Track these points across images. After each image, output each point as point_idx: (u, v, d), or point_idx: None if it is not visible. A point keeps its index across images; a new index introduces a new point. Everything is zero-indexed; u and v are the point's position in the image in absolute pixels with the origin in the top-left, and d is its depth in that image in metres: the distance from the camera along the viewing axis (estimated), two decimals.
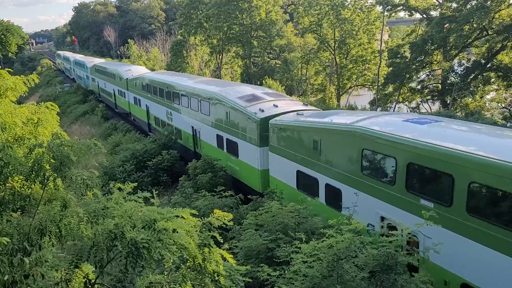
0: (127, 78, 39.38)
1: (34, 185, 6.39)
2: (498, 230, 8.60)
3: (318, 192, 14.34)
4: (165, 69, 63.83)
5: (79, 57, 78.63)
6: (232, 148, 20.24)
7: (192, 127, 25.09)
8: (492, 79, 38.37)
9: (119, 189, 5.56)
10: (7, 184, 6.71)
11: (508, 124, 28.32)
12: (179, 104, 26.78)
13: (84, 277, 4.96)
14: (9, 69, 10.13)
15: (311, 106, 20.48)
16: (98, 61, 63.81)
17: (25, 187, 6.51)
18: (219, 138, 21.63)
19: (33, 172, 6.20)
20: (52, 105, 9.94)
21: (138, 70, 42.16)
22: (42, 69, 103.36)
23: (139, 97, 36.28)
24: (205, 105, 22.92)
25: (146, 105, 34.23)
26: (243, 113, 18.73)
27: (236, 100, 19.86)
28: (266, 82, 49.13)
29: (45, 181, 6.04)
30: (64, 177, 5.81)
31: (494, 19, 34.68)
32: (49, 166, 6.07)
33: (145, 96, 34.23)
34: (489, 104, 38.85)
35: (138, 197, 5.37)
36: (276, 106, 18.36)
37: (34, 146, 6.34)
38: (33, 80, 10.37)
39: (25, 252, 5.13)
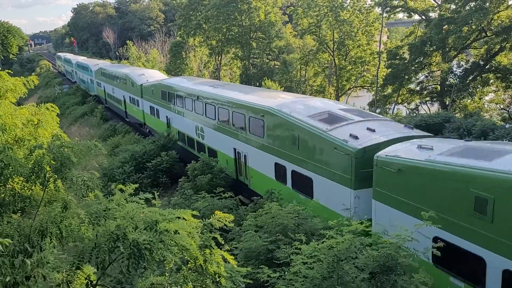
0: (141, 84, 34.65)
1: (35, 186, 6.40)
2: None
3: (482, 278, 9.16)
4: (164, 71, 63.76)
5: (82, 59, 74.82)
6: (302, 185, 15.31)
7: (235, 149, 20.13)
8: (491, 80, 38.45)
9: (121, 190, 5.56)
10: (7, 186, 6.72)
11: (507, 125, 28.34)
12: (214, 119, 21.81)
13: (85, 279, 4.95)
14: (9, 71, 10.15)
15: (417, 129, 15.02)
16: (103, 63, 59.62)
17: (26, 188, 6.51)
18: (279, 168, 16.59)
19: (34, 174, 6.20)
20: (52, 107, 9.95)
21: (152, 75, 37.25)
22: (41, 71, 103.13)
23: (157, 106, 31.28)
24: (256, 123, 17.97)
25: (167, 117, 29.22)
26: (324, 140, 13.86)
27: (308, 121, 14.98)
28: (265, 83, 49.17)
29: (46, 182, 6.05)
30: (65, 179, 5.81)
31: (492, 21, 34.76)
32: (50, 167, 6.07)
33: (165, 106, 29.12)
34: (488, 105, 38.92)
35: (140, 198, 5.37)
36: (373, 131, 13.62)
37: (34, 148, 6.34)
38: (33, 81, 10.40)
39: (26, 253, 5.13)
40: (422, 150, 11.15)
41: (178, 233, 4.72)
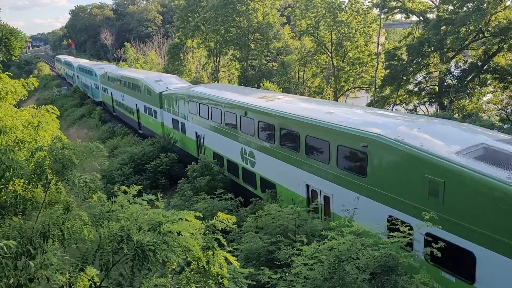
0: (160, 93, 29.82)
1: (36, 188, 6.39)
2: None
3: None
4: (162, 72, 63.66)
5: (84, 62, 70.80)
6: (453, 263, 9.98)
7: (308, 185, 14.92)
8: (489, 81, 38.58)
9: (124, 192, 5.56)
10: (8, 188, 6.71)
11: (505, 126, 28.44)
12: (274, 142, 16.67)
13: (89, 280, 4.95)
14: (9, 73, 10.14)
15: None
16: (109, 67, 55.53)
17: (27, 190, 6.51)
18: (394, 220, 10.63)
19: (35, 176, 6.20)
20: (52, 108, 9.95)
21: (171, 81, 31.92)
22: (39, 73, 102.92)
23: (182, 120, 26.54)
24: (352, 155, 12.85)
25: (197, 133, 24.49)
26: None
27: (460, 160, 9.80)
28: (263, 85, 49.24)
29: (47, 184, 6.04)
30: (67, 180, 5.81)
31: (490, 22, 34.89)
32: (51, 169, 6.07)
33: (196, 121, 24.43)
34: (486, 106, 39.03)
35: (143, 200, 5.38)
36: None
37: (35, 150, 6.34)
38: (32, 83, 10.39)
39: (29, 255, 5.12)
40: None
41: (181, 235, 4.73)
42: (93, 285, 5.01)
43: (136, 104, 36.15)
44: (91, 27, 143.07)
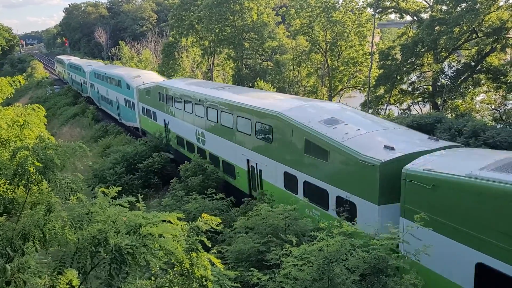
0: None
1: (18, 188, 6.26)
2: None
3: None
4: (156, 71, 63.40)
5: (100, 66, 54.20)
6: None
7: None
8: (482, 81, 38.64)
9: (103, 193, 5.44)
10: None
11: (498, 126, 28.51)
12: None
13: (67, 284, 4.84)
14: None
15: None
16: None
17: (9, 191, 6.38)
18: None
19: (17, 176, 6.07)
20: (38, 107, 9.82)
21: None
22: (32, 71, 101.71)
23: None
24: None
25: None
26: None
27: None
28: (257, 84, 49.12)
29: (29, 184, 5.92)
30: (49, 181, 5.69)
31: (483, 22, 34.94)
32: (34, 169, 5.94)
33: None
34: (479, 105, 39.12)
35: (124, 202, 5.26)
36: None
37: (18, 149, 6.21)
38: (19, 81, 10.26)
39: (8, 258, 5.00)
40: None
41: (163, 237, 4.62)
42: None
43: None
44: (85, 25, 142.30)
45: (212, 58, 62.73)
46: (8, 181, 6.18)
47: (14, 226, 5.51)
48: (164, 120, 27.90)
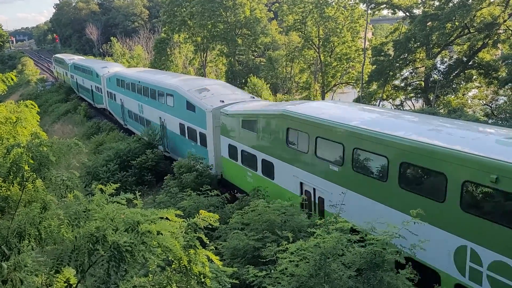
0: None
1: (12, 186, 6.19)
2: None
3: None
4: (149, 67, 62.92)
5: (123, 70, 41.19)
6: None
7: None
8: (474, 77, 38.88)
9: (101, 190, 5.39)
10: None
11: (490, 121, 28.71)
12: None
13: (65, 282, 4.79)
14: None
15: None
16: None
17: (3, 188, 6.30)
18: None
19: (11, 173, 5.99)
20: (31, 104, 9.69)
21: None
22: (23, 68, 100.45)
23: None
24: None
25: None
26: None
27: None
28: (250, 80, 49.02)
29: (24, 182, 5.84)
30: (44, 178, 5.62)
31: (475, 17, 35.13)
32: (28, 166, 5.87)
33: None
34: (471, 101, 39.37)
35: (121, 199, 5.21)
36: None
37: (12, 146, 6.13)
38: (12, 79, 10.10)
39: (4, 256, 4.94)
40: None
41: (161, 234, 4.59)
42: (69, 286, 4.85)
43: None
44: (76, 21, 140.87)
45: (205, 54, 62.46)
46: (2, 179, 6.10)
47: (9, 224, 5.44)
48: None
